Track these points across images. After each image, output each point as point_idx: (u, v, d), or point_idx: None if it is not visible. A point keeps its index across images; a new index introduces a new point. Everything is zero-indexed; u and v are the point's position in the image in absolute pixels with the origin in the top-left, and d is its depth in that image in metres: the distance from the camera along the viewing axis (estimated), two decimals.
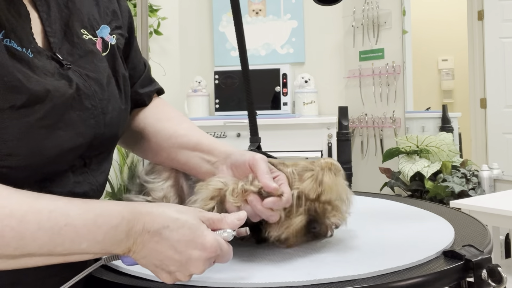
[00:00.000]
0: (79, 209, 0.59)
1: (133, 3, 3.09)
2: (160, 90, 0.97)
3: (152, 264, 0.62)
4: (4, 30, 0.63)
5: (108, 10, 0.82)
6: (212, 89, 3.36)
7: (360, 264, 0.70)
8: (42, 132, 0.63)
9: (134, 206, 0.63)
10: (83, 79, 0.71)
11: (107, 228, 0.59)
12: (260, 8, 3.59)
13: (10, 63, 0.61)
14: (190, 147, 0.85)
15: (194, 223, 0.62)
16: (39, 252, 0.56)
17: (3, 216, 0.55)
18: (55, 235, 0.56)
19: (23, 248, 0.55)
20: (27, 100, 0.61)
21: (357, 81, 3.37)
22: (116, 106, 0.76)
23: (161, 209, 0.63)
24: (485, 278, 0.68)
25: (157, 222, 0.61)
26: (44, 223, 0.56)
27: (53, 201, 0.59)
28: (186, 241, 0.61)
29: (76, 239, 0.57)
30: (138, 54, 0.92)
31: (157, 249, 0.61)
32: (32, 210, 0.56)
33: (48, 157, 0.64)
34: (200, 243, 0.61)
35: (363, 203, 1.11)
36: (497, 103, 2.85)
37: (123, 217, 0.60)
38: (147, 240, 0.61)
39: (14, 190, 0.58)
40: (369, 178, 3.24)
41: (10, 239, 0.54)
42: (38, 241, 0.56)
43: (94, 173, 0.74)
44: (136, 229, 0.60)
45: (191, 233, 0.61)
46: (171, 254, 0.61)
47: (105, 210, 0.60)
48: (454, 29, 3.21)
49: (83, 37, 0.75)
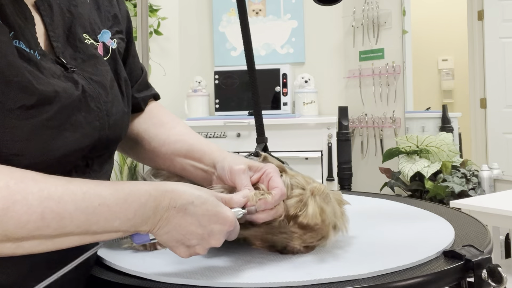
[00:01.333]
0: (110, 189, 0.61)
1: (133, 3, 3.09)
2: (156, 95, 0.97)
3: (173, 239, 0.65)
4: (14, 31, 0.63)
5: (109, 15, 0.83)
6: (212, 89, 3.36)
7: (360, 264, 0.70)
8: (49, 132, 0.63)
9: (159, 184, 0.66)
10: (87, 81, 0.71)
11: (137, 206, 0.62)
12: (260, 8, 3.59)
13: (21, 64, 0.61)
14: (182, 154, 0.86)
15: (214, 199, 0.67)
16: (76, 231, 0.59)
17: (43, 198, 0.57)
18: (91, 214, 0.59)
19: (62, 228, 0.58)
20: (36, 100, 0.61)
21: (357, 81, 3.37)
22: (120, 109, 0.77)
23: (184, 187, 0.66)
24: (485, 278, 0.68)
25: (183, 198, 0.65)
26: (80, 203, 0.58)
27: (84, 183, 0.61)
28: (209, 216, 0.65)
29: (110, 217, 0.60)
30: (136, 59, 0.92)
31: (181, 224, 0.64)
32: (68, 191, 0.59)
33: (54, 158, 0.65)
34: (222, 217, 0.66)
35: (363, 203, 1.11)
36: (497, 103, 2.85)
37: (150, 194, 0.63)
38: (172, 216, 0.64)
39: (47, 176, 0.60)
40: (369, 178, 3.24)
41: (50, 220, 0.57)
42: (76, 221, 0.58)
43: (96, 174, 0.75)
44: (163, 205, 0.64)
45: (213, 208, 0.66)
46: (194, 228, 0.65)
47: (133, 189, 0.63)
48: (454, 29, 3.21)
49: (86, 42, 0.75)
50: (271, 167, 0.76)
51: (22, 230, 0.55)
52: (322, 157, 2.98)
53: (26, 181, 0.57)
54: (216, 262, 0.74)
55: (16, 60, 0.60)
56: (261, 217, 0.72)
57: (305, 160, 2.95)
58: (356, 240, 0.83)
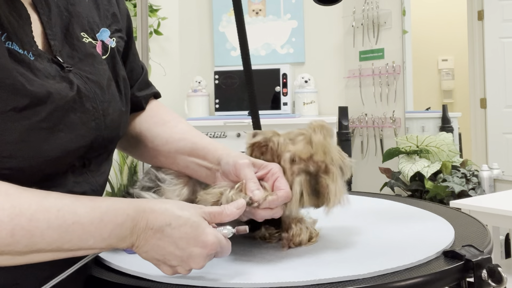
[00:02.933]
0: (86, 207, 0.61)
1: (133, 3, 3.09)
2: (157, 94, 0.97)
3: (153, 258, 0.65)
4: (6, 32, 0.63)
5: (108, 13, 0.82)
6: (212, 89, 3.36)
7: (360, 264, 0.70)
8: (43, 134, 0.63)
9: (138, 203, 0.65)
10: (84, 81, 0.71)
11: (113, 226, 0.61)
12: (260, 8, 3.59)
13: (12, 66, 0.61)
14: (186, 152, 0.85)
15: (195, 220, 0.64)
16: (48, 248, 0.58)
17: (13, 215, 0.56)
18: (64, 232, 0.58)
19: (33, 246, 0.57)
20: (29, 102, 0.61)
21: (357, 81, 3.37)
22: (117, 108, 0.77)
23: (164, 206, 0.65)
24: (485, 278, 0.68)
25: (160, 219, 0.63)
26: (53, 221, 0.58)
27: (60, 199, 0.61)
28: (187, 239, 0.63)
29: (84, 236, 0.60)
30: (136, 58, 0.92)
31: (159, 245, 0.63)
32: (41, 209, 0.58)
33: (49, 159, 0.64)
34: (201, 241, 0.63)
35: (363, 203, 1.11)
36: (497, 103, 2.85)
37: (128, 215, 0.62)
38: (150, 237, 0.63)
39: (22, 189, 0.59)
40: (369, 178, 3.24)
41: (20, 237, 0.56)
42: (48, 239, 0.58)
43: (93, 174, 0.74)
44: (140, 226, 0.63)
45: (192, 231, 0.63)
46: (173, 250, 0.63)
47: (110, 208, 0.62)
48: (454, 29, 3.21)
49: (83, 40, 0.75)
50: (276, 166, 0.75)
51: None
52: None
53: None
54: (216, 262, 0.74)
55: (7, 62, 0.60)
56: (262, 214, 0.72)
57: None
58: (356, 240, 0.83)
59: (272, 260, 0.74)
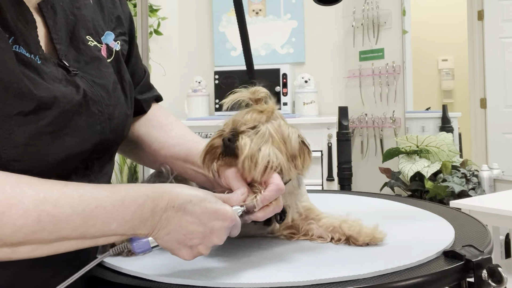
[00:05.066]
0: (106, 192, 0.61)
1: (133, 3, 3.09)
2: (158, 97, 0.97)
3: (175, 241, 0.65)
4: (14, 36, 0.63)
5: (112, 16, 0.82)
6: (212, 89, 3.36)
7: (360, 264, 0.70)
8: (49, 138, 0.63)
9: (156, 186, 0.66)
10: (90, 85, 0.71)
11: (134, 207, 0.62)
12: (260, 8, 3.59)
13: (19, 70, 0.61)
14: (181, 158, 0.86)
15: (212, 197, 0.67)
16: (73, 235, 0.59)
17: (38, 201, 0.56)
18: (87, 217, 0.59)
19: (58, 232, 0.57)
20: (35, 106, 0.61)
21: (357, 81, 3.37)
22: (122, 111, 0.77)
23: (180, 188, 0.66)
24: (485, 278, 0.68)
25: (180, 197, 0.64)
26: (76, 206, 0.58)
27: (80, 186, 0.61)
28: (209, 213, 0.65)
29: (107, 219, 0.60)
30: (139, 61, 0.92)
31: (182, 224, 0.64)
32: (64, 195, 0.58)
33: (55, 162, 0.65)
34: (222, 214, 0.66)
35: (363, 203, 1.11)
36: (497, 103, 2.85)
37: (148, 196, 0.63)
38: (172, 216, 0.64)
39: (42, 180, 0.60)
40: (369, 178, 3.24)
41: (46, 223, 0.56)
42: (72, 224, 0.58)
43: (96, 176, 0.74)
44: (161, 206, 0.63)
45: (212, 206, 0.65)
46: (195, 226, 0.64)
47: (130, 191, 0.63)
48: (454, 29, 3.21)
49: (89, 44, 0.75)
50: None
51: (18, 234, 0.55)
52: (322, 157, 2.98)
53: (21, 185, 0.57)
54: (216, 262, 0.74)
55: (14, 67, 0.60)
56: (260, 215, 0.72)
57: None
58: None
59: (273, 260, 0.74)
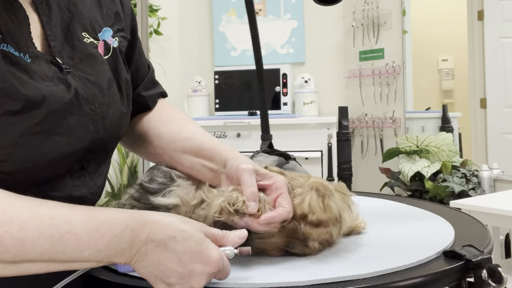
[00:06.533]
0: (81, 216, 0.58)
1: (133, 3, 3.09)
2: (163, 93, 0.95)
3: (152, 275, 0.61)
4: (1, 34, 0.62)
5: (111, 12, 0.82)
6: (212, 89, 3.36)
7: (360, 264, 0.70)
8: (38, 137, 0.62)
9: (140, 214, 0.62)
10: (83, 83, 0.70)
11: (110, 237, 0.58)
12: (260, 8, 3.59)
13: (6, 69, 0.60)
14: (192, 152, 0.82)
15: (199, 236, 0.62)
16: (40, 259, 0.56)
17: (3, 222, 0.54)
18: (56, 242, 0.56)
19: (24, 255, 0.55)
20: (23, 106, 0.60)
21: (357, 81, 3.37)
22: (117, 110, 0.75)
23: (168, 219, 0.62)
24: (485, 278, 0.68)
25: (163, 232, 0.60)
26: (45, 230, 0.55)
27: (54, 207, 0.58)
28: (191, 254, 0.60)
29: (78, 247, 0.57)
30: (142, 57, 0.91)
31: (160, 260, 0.60)
32: (33, 216, 0.55)
33: (45, 162, 0.63)
34: (205, 257, 0.60)
35: (363, 203, 1.11)
36: (497, 103, 2.85)
37: (127, 226, 0.59)
38: (151, 250, 0.60)
39: (15, 196, 0.57)
40: (369, 178, 3.24)
41: (9, 246, 0.54)
42: (39, 249, 0.55)
43: (92, 176, 0.73)
44: (140, 238, 0.59)
45: (196, 246, 0.60)
46: (174, 266, 0.60)
47: (108, 218, 0.59)
48: (454, 29, 3.21)
49: (84, 41, 0.74)
50: (281, 180, 0.73)
51: None
52: (322, 157, 2.98)
53: None
54: None
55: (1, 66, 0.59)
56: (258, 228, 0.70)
57: (305, 160, 2.95)
58: (356, 240, 0.83)
59: (273, 260, 0.74)
